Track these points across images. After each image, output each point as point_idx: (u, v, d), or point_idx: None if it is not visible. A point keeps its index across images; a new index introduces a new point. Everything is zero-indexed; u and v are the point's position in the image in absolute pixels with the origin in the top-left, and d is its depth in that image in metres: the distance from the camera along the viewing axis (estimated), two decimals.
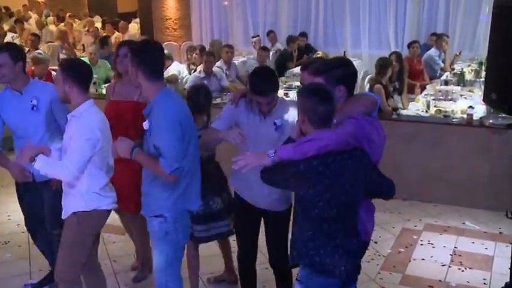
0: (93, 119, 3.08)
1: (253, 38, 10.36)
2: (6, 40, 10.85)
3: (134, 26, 13.22)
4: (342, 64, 2.83)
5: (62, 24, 13.91)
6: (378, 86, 6.16)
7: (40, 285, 4.16)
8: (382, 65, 6.35)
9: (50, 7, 16.48)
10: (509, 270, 3.54)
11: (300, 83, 3.57)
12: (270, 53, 9.32)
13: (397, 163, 5.44)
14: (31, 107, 3.64)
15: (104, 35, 10.99)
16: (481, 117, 5.59)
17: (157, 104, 2.93)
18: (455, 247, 4.76)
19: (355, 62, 9.03)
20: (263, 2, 11.44)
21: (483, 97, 4.25)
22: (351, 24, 10.60)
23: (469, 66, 8.65)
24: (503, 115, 5.21)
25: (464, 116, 5.64)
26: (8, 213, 5.51)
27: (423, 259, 4.56)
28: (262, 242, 3.52)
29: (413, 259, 4.56)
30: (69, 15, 14.85)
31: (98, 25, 13.45)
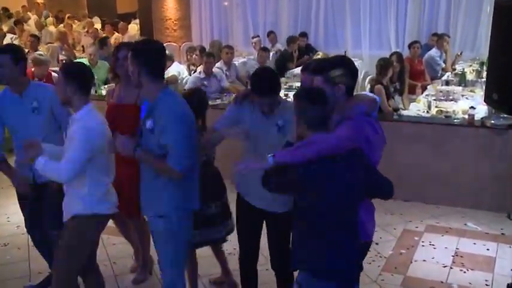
0: (94, 122, 3.07)
1: (253, 38, 10.33)
2: (6, 41, 10.85)
3: (134, 27, 13.21)
4: (342, 63, 2.80)
5: (61, 25, 13.89)
6: (378, 87, 6.14)
7: None
8: (383, 65, 6.34)
9: (49, 8, 16.47)
10: None
11: (301, 85, 3.55)
12: (270, 53, 9.30)
13: (398, 164, 5.42)
14: (32, 109, 3.62)
15: (104, 35, 10.97)
16: (482, 118, 5.57)
17: (162, 103, 2.91)
18: (457, 248, 4.73)
19: (356, 63, 9.05)
20: (263, 2, 11.42)
21: (484, 97, 4.23)
22: (351, 24, 10.57)
23: (470, 66, 8.64)
24: (504, 115, 5.19)
25: (466, 117, 5.62)
26: (8, 215, 5.49)
27: (425, 260, 4.54)
28: (264, 244, 3.50)
29: (415, 260, 4.54)
30: (68, 16, 14.84)
31: (98, 26, 13.43)
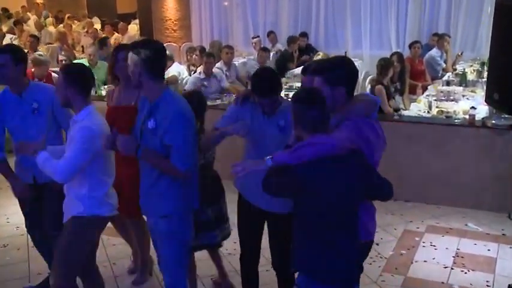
0: (94, 123, 3.06)
1: (253, 38, 10.31)
2: (5, 42, 10.83)
3: (134, 27, 13.20)
4: (342, 64, 2.78)
5: (61, 25, 13.89)
6: (379, 87, 6.13)
7: None
8: (384, 65, 6.32)
9: (48, 8, 16.46)
10: None
11: (301, 86, 3.54)
12: (271, 53, 9.29)
13: (398, 164, 5.42)
14: (32, 110, 3.60)
15: (103, 36, 10.96)
16: (483, 118, 5.56)
17: (165, 103, 2.88)
18: (457, 249, 4.72)
19: (356, 63, 9.04)
20: (263, 2, 11.39)
21: (485, 97, 4.23)
22: (352, 24, 10.55)
23: (471, 66, 8.62)
24: (505, 115, 5.18)
25: (467, 117, 5.61)
26: (7, 216, 5.47)
27: (425, 261, 4.53)
28: (265, 245, 3.49)
29: (416, 261, 4.52)
30: (68, 17, 14.84)
31: (97, 26, 13.43)
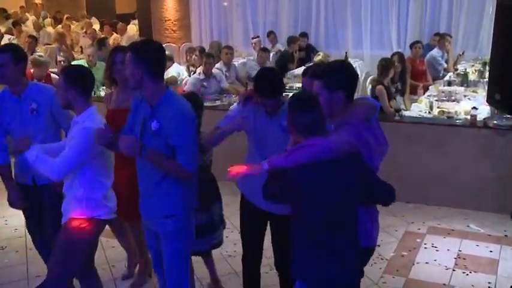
0: (95, 123, 3.03)
1: (253, 39, 10.28)
2: (3, 42, 10.79)
3: (133, 28, 13.16)
4: (341, 69, 2.79)
5: (59, 26, 13.86)
6: (379, 87, 6.11)
7: None
8: (384, 65, 6.29)
9: (47, 9, 16.42)
10: None
11: (302, 88, 3.53)
12: (271, 54, 9.26)
13: (399, 165, 5.39)
14: (30, 110, 3.58)
15: (102, 36, 10.92)
16: (485, 118, 5.54)
17: (167, 104, 2.86)
18: (459, 250, 4.70)
19: (357, 63, 9.12)
20: (263, 2, 11.35)
21: (487, 98, 4.21)
22: (352, 24, 10.51)
23: (473, 66, 8.58)
24: (507, 116, 5.16)
25: (468, 117, 5.59)
26: (6, 218, 5.46)
27: (427, 263, 4.50)
28: (266, 246, 3.48)
29: (417, 262, 4.50)
30: (66, 17, 14.78)
31: (96, 27, 13.40)
